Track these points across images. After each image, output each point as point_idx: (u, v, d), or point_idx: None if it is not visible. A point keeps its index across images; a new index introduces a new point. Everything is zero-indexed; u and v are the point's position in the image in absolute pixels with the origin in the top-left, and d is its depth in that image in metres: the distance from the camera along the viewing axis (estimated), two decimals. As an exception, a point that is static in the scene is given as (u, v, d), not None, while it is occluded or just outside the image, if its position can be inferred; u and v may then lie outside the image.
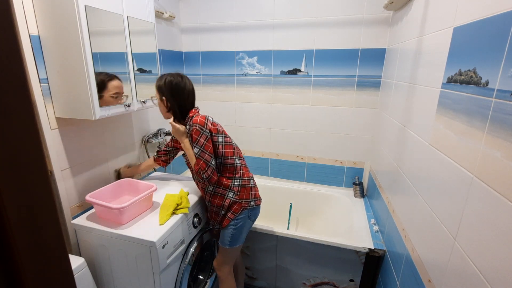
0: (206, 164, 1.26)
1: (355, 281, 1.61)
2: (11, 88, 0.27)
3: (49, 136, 1.22)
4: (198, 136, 1.26)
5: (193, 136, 1.27)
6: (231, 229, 1.37)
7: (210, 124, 1.30)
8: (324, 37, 1.95)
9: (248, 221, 1.40)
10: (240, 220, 1.37)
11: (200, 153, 1.26)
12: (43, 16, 1.12)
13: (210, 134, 1.29)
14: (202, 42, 2.25)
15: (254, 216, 1.43)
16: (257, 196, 1.45)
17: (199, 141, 1.26)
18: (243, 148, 2.38)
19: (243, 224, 1.38)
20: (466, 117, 0.77)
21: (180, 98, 1.32)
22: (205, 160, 1.26)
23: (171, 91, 1.30)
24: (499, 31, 0.65)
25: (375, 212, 1.80)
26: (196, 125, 1.26)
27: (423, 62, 1.15)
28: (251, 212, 1.40)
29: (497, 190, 0.62)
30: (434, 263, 0.89)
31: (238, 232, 1.38)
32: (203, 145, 1.26)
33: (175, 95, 1.31)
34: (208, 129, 1.28)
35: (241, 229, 1.38)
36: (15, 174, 0.28)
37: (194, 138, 1.27)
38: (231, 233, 1.37)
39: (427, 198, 0.99)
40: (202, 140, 1.26)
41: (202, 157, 1.26)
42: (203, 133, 1.26)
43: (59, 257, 0.35)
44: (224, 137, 1.35)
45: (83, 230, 1.27)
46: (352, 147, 2.10)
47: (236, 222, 1.36)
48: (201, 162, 1.26)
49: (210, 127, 1.29)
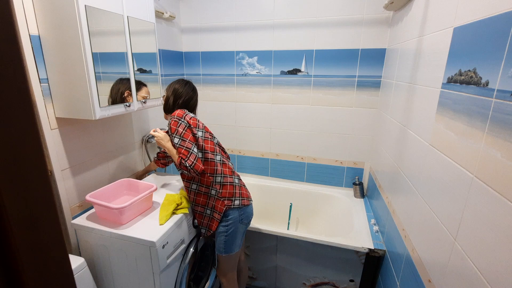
0: (188, 151, 1.23)
1: (355, 281, 1.61)
2: (11, 88, 0.27)
3: (49, 136, 1.22)
4: (176, 126, 1.27)
5: (172, 128, 1.28)
6: (223, 235, 1.34)
7: (189, 118, 1.31)
8: (324, 37, 1.95)
9: (240, 225, 1.36)
10: (231, 226, 1.33)
11: (180, 142, 1.25)
12: (43, 16, 1.12)
13: (188, 126, 1.29)
14: (202, 42, 2.25)
15: (246, 219, 1.38)
16: (244, 196, 1.39)
17: (177, 130, 1.26)
18: (243, 148, 2.38)
19: (235, 229, 1.35)
20: (466, 117, 0.77)
21: (176, 94, 1.40)
22: (186, 148, 1.24)
23: (171, 88, 1.42)
24: (499, 31, 0.65)
25: (375, 212, 1.80)
26: (174, 117, 1.29)
27: (423, 62, 1.15)
28: (242, 214, 1.35)
29: (497, 190, 0.62)
30: (434, 263, 0.89)
31: (231, 238, 1.35)
32: (181, 134, 1.26)
33: (174, 91, 1.41)
34: (186, 121, 1.29)
35: (234, 234, 1.35)
36: (15, 174, 0.28)
37: (173, 129, 1.27)
38: (224, 240, 1.35)
39: (427, 198, 0.99)
40: (180, 129, 1.27)
41: (183, 146, 1.24)
42: (180, 123, 1.28)
43: (59, 257, 0.35)
44: (204, 132, 1.35)
45: (83, 230, 1.27)
46: (352, 147, 2.10)
47: (227, 229, 1.33)
48: (182, 150, 1.24)
49: (188, 120, 1.30)
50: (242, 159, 2.42)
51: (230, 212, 1.33)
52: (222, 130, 2.39)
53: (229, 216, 1.33)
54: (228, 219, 1.33)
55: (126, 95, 1.35)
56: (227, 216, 1.33)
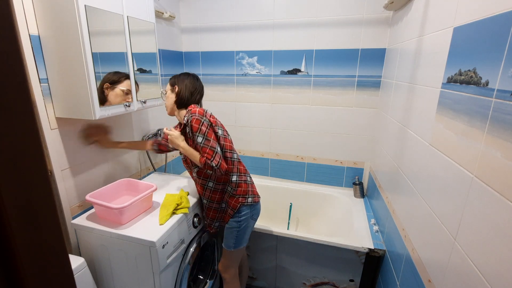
0: (213, 151, 1.20)
1: (355, 281, 1.61)
2: (11, 88, 0.27)
3: (49, 136, 1.22)
4: (199, 125, 1.21)
5: (194, 126, 1.22)
6: (235, 231, 1.36)
7: (209, 116, 1.27)
8: (324, 37, 1.95)
9: (251, 221, 1.40)
10: (243, 221, 1.36)
11: (204, 141, 1.21)
12: (43, 16, 1.12)
13: (211, 124, 1.26)
14: (202, 42, 2.25)
15: (256, 215, 1.42)
16: (255, 193, 1.42)
17: (201, 129, 1.21)
18: (243, 148, 2.38)
19: (247, 225, 1.38)
20: (466, 117, 0.77)
21: (191, 87, 1.33)
22: (211, 147, 1.21)
23: (184, 81, 1.34)
24: (499, 31, 0.65)
25: (375, 212, 1.80)
26: (195, 114, 1.23)
27: (423, 62, 1.15)
28: (253, 211, 1.39)
29: (497, 190, 0.62)
30: (434, 263, 0.89)
31: (242, 233, 1.38)
32: (205, 132, 1.21)
33: (187, 84, 1.33)
34: (208, 119, 1.25)
35: (245, 230, 1.38)
36: (15, 174, 0.28)
37: (195, 128, 1.22)
38: (236, 235, 1.37)
39: (427, 198, 0.99)
40: (203, 128, 1.22)
41: (207, 145, 1.21)
42: (203, 121, 1.22)
43: (59, 257, 0.35)
44: (222, 130, 1.33)
45: (83, 230, 1.27)
46: (352, 147, 2.10)
47: (239, 224, 1.35)
48: (207, 150, 1.20)
49: (209, 118, 1.26)
50: (242, 159, 2.41)
51: (243, 209, 1.35)
52: (222, 130, 2.39)
53: (242, 213, 1.35)
54: (241, 215, 1.35)
55: (105, 87, 1.27)
56: (240, 212, 1.35)
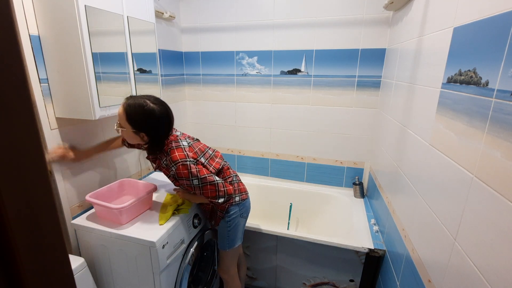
0: (214, 186, 1.21)
1: (355, 281, 1.61)
2: (11, 88, 0.27)
3: (49, 136, 1.22)
4: (187, 170, 1.16)
5: (182, 173, 1.16)
6: (226, 230, 1.38)
7: (188, 151, 1.21)
8: (324, 37, 1.94)
9: (241, 219, 1.40)
10: (233, 220, 1.37)
11: (201, 183, 1.19)
12: (43, 16, 1.12)
13: (195, 161, 1.21)
14: (202, 42, 2.25)
15: (245, 212, 1.43)
16: (242, 191, 1.41)
17: (191, 172, 1.16)
18: (243, 148, 2.38)
19: (237, 223, 1.39)
20: (466, 117, 0.77)
21: (160, 128, 1.18)
22: (210, 183, 1.20)
23: (147, 123, 1.14)
24: (499, 31, 0.65)
25: (375, 212, 1.80)
26: (178, 162, 1.16)
27: (423, 62, 1.15)
28: (242, 209, 1.39)
29: (497, 190, 0.62)
30: (434, 263, 0.89)
31: (233, 232, 1.39)
32: (197, 172, 1.17)
33: (154, 126, 1.15)
34: (191, 158, 1.19)
35: (236, 228, 1.39)
36: (15, 174, 0.28)
37: (186, 174, 1.16)
38: (227, 235, 1.39)
39: (427, 198, 0.99)
40: (194, 171, 1.16)
41: (206, 182, 1.19)
42: (189, 164, 1.17)
43: (59, 257, 0.35)
44: (203, 154, 1.30)
45: (83, 230, 1.27)
46: (352, 147, 2.09)
47: (229, 224, 1.37)
48: (208, 187, 1.20)
49: (188, 153, 1.20)
50: (242, 159, 2.41)
51: (231, 208, 1.37)
52: (222, 130, 2.39)
53: (231, 212, 1.36)
54: (230, 215, 1.36)
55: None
56: (228, 212, 1.36)
